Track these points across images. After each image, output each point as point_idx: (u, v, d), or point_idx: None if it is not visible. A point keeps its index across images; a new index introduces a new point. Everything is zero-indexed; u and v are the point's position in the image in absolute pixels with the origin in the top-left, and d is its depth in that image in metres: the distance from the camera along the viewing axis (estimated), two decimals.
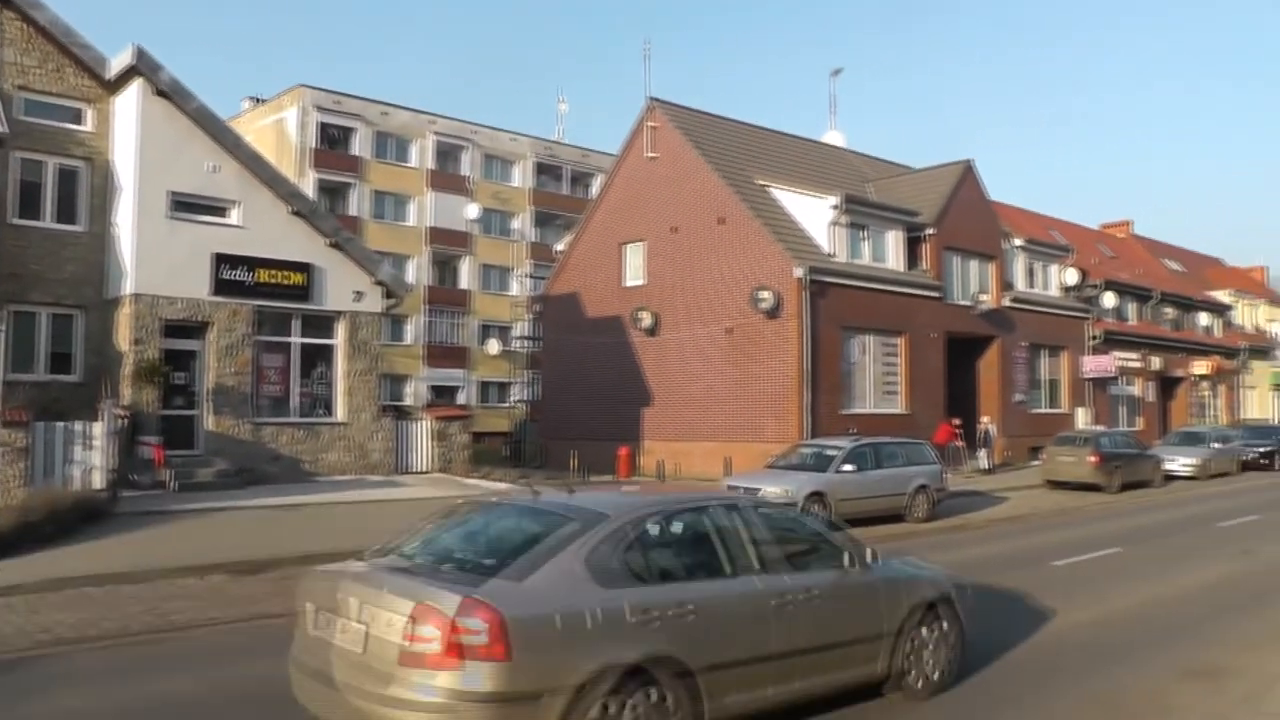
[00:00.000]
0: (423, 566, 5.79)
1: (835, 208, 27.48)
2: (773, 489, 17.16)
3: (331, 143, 48.31)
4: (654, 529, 6.15)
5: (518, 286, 49.99)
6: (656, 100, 30.49)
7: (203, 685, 7.68)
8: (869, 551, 7.26)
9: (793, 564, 6.67)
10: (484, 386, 50.80)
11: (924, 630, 7.30)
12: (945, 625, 7.49)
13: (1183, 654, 8.80)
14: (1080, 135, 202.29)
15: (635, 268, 30.70)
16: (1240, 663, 8.43)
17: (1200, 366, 45.11)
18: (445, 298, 50.62)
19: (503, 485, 22.99)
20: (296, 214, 21.38)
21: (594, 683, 5.21)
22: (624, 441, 27.88)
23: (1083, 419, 35.23)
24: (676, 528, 6.38)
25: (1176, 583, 12.55)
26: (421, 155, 50.56)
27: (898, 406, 28.45)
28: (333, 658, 5.51)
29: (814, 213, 27.92)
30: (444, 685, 4.98)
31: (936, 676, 7.32)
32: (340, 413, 22.17)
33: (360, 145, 48.61)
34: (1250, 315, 55.27)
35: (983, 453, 29.58)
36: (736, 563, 6.32)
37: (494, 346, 39.45)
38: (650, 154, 30.06)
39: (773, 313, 26.02)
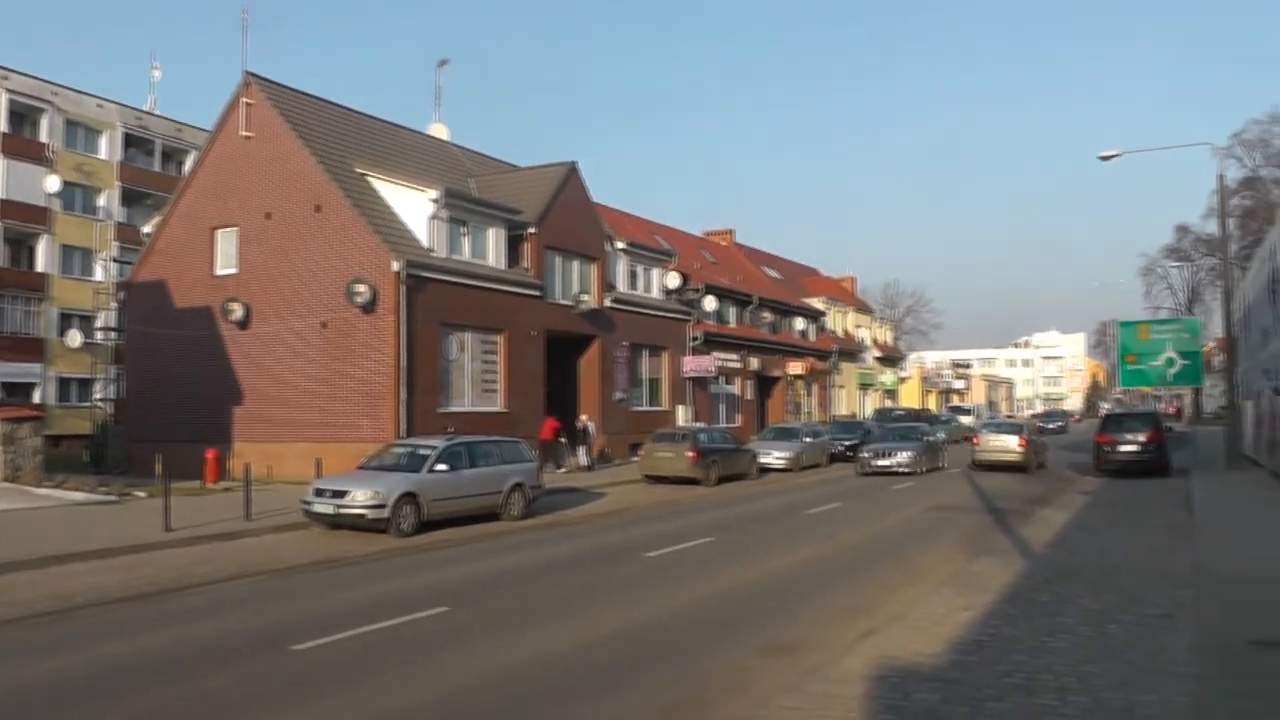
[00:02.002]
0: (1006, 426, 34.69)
1: (435, 201, 27.09)
2: (362, 491, 16.52)
3: None
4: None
5: (103, 271, 45.00)
6: (253, 75, 28.51)
7: None
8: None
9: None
10: (64, 383, 45.18)
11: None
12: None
13: (764, 632, 9.42)
14: (689, 146, 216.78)
15: (227, 255, 28.65)
16: (814, 637, 9.15)
17: (796, 367, 49.51)
18: (19, 281, 44.51)
19: (79, 495, 20.70)
20: None
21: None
22: (213, 444, 25.87)
23: (683, 416, 37.24)
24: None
25: (763, 567, 13.32)
26: None
27: (497, 405, 28.54)
28: (999, 449, 30.42)
29: (414, 206, 27.37)
30: (1020, 446, 30.04)
31: (1040, 464, 31.51)
32: None
33: None
34: (841, 321, 61.62)
35: (581, 450, 30.39)
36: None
37: (75, 338, 35.36)
38: (245, 133, 28.14)
39: (369, 307, 25.25)
